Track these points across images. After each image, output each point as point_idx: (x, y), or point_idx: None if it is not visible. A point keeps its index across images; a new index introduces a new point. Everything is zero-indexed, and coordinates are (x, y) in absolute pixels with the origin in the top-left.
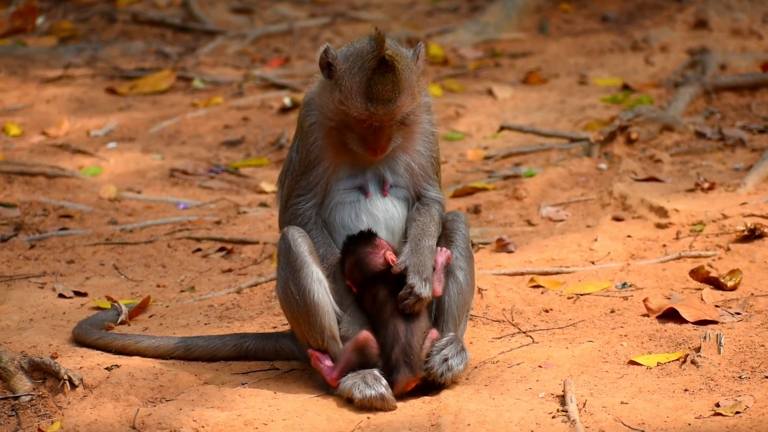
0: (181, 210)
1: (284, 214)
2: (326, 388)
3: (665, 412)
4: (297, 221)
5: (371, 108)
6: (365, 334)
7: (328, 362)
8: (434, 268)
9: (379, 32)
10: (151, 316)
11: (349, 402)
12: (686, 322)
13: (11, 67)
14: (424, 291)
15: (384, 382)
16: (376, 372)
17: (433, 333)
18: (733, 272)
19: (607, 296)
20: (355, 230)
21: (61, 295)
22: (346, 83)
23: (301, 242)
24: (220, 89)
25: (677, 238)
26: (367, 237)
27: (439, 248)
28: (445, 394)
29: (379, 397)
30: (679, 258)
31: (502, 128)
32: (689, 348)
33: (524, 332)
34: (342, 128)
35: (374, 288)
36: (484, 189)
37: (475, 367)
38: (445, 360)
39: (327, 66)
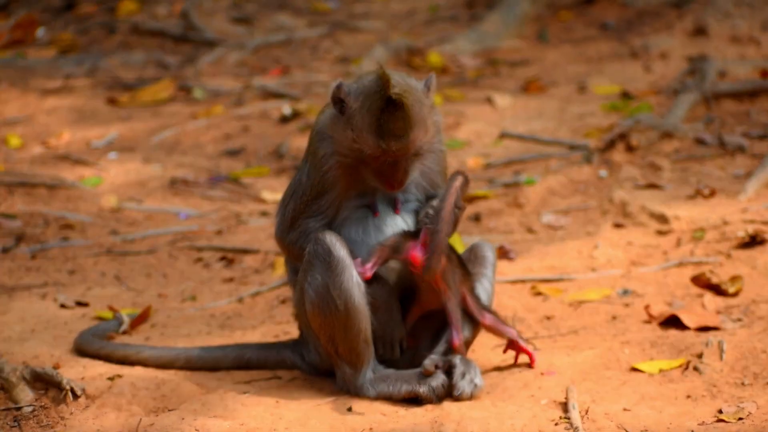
0: (182, 220)
1: (290, 232)
2: (347, 390)
3: (668, 418)
4: (306, 239)
5: (383, 145)
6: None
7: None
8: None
9: (384, 72)
10: (152, 326)
11: (390, 401)
12: (688, 328)
13: (12, 78)
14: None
15: None
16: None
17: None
18: (734, 278)
19: (609, 303)
20: (362, 244)
21: (62, 306)
22: (357, 122)
23: (341, 246)
24: (220, 99)
25: (678, 245)
26: None
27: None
28: (447, 401)
29: (444, 383)
30: (680, 264)
31: (502, 136)
32: (691, 354)
33: (526, 339)
34: (358, 164)
35: None
36: (485, 197)
37: None
38: (471, 381)
39: (339, 101)
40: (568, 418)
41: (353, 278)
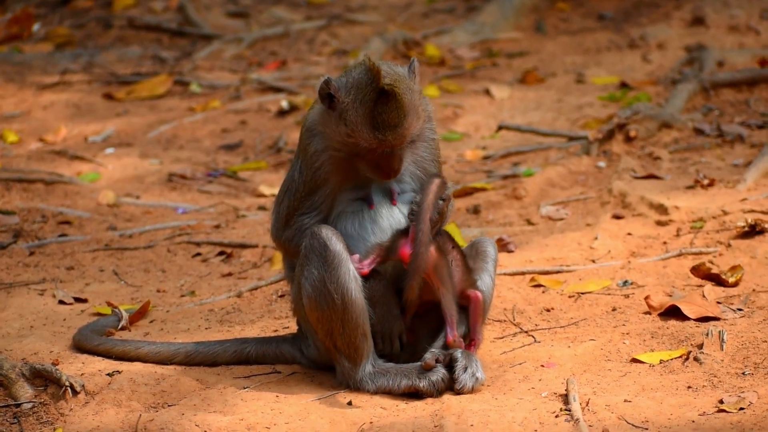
0: (179, 214)
1: (286, 230)
2: (346, 384)
3: (669, 409)
4: (302, 235)
5: (380, 136)
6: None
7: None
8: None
9: (373, 63)
10: (151, 322)
11: (389, 396)
12: (688, 319)
13: (8, 73)
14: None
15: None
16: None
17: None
18: (734, 268)
19: (609, 294)
20: (358, 238)
21: (61, 302)
22: (351, 116)
23: (337, 240)
24: (217, 93)
25: (678, 235)
26: None
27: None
28: (447, 395)
29: (445, 377)
30: (679, 255)
31: (500, 128)
32: (692, 345)
33: (526, 332)
34: (351, 158)
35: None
36: (484, 189)
37: None
38: (473, 374)
39: (328, 97)
40: (569, 410)
41: (350, 272)
